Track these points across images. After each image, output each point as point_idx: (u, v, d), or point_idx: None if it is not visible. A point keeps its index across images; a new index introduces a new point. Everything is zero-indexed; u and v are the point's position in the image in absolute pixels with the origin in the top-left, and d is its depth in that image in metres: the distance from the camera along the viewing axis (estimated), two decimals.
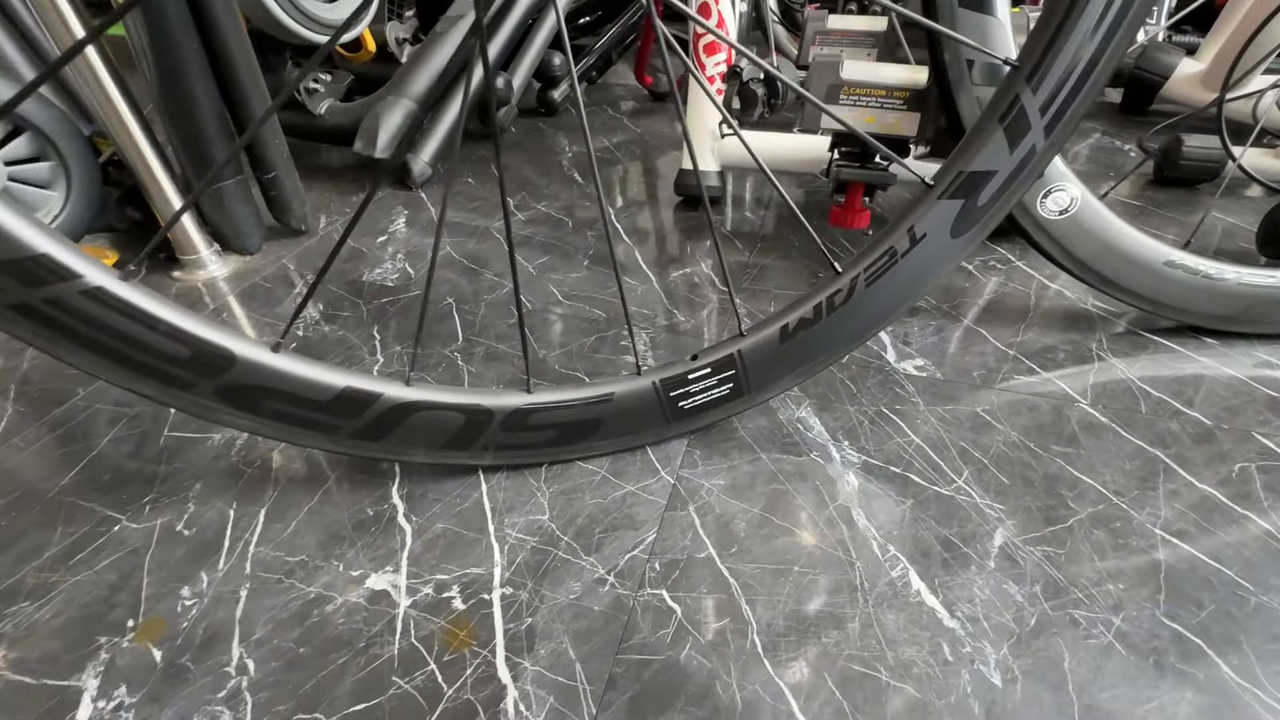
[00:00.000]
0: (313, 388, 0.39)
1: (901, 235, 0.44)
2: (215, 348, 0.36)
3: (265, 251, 0.74)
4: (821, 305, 0.46)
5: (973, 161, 0.42)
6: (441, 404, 0.41)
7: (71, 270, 0.32)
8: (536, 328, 0.61)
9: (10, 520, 0.44)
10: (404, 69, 0.85)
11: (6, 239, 0.30)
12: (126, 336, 0.34)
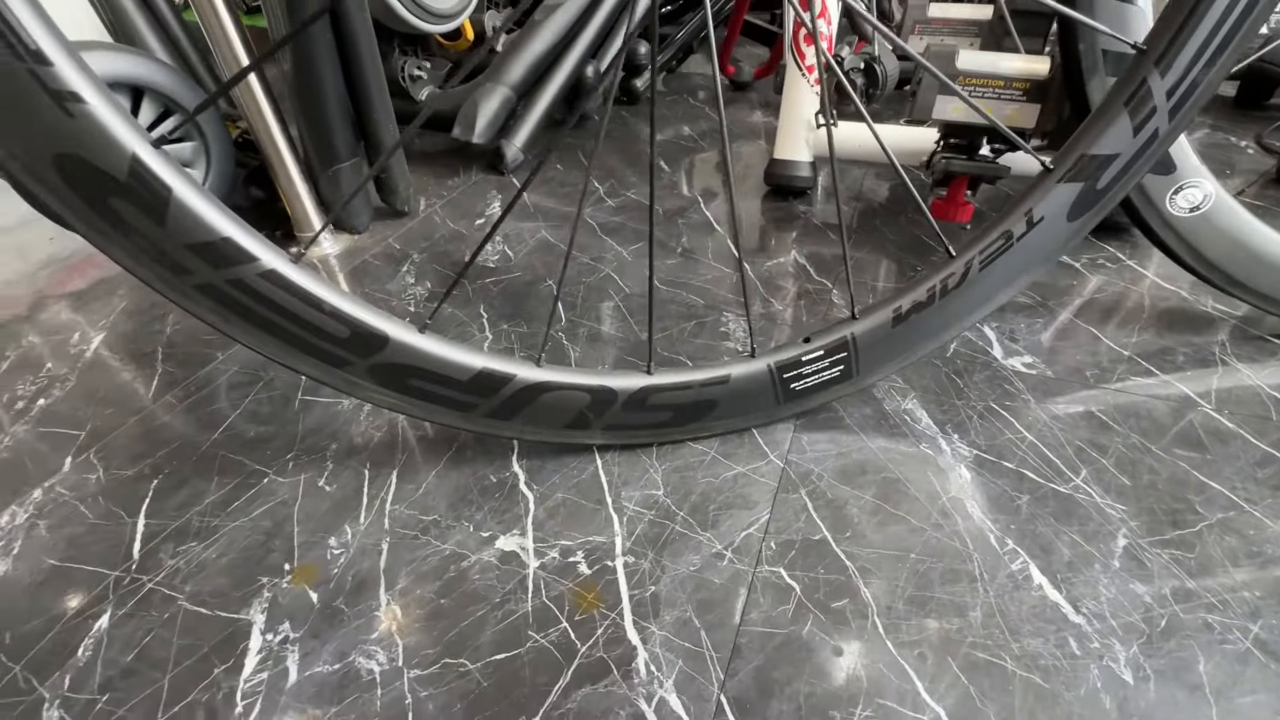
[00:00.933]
0: (454, 367, 0.41)
1: (1018, 219, 0.44)
2: (371, 328, 0.38)
3: (372, 231, 0.78)
4: (935, 288, 0.46)
5: (1095, 145, 0.42)
6: (570, 385, 0.43)
7: (251, 253, 0.34)
8: (636, 312, 0.63)
9: (172, 469, 0.48)
10: (501, 57, 0.88)
11: (198, 222, 0.32)
12: (295, 316, 0.36)
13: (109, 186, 0.30)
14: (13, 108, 0.28)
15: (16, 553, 0.43)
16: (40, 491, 0.47)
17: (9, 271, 0.74)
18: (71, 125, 0.28)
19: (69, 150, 0.29)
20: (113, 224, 0.31)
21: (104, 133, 0.29)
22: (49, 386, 0.57)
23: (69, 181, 0.30)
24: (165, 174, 0.31)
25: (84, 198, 0.30)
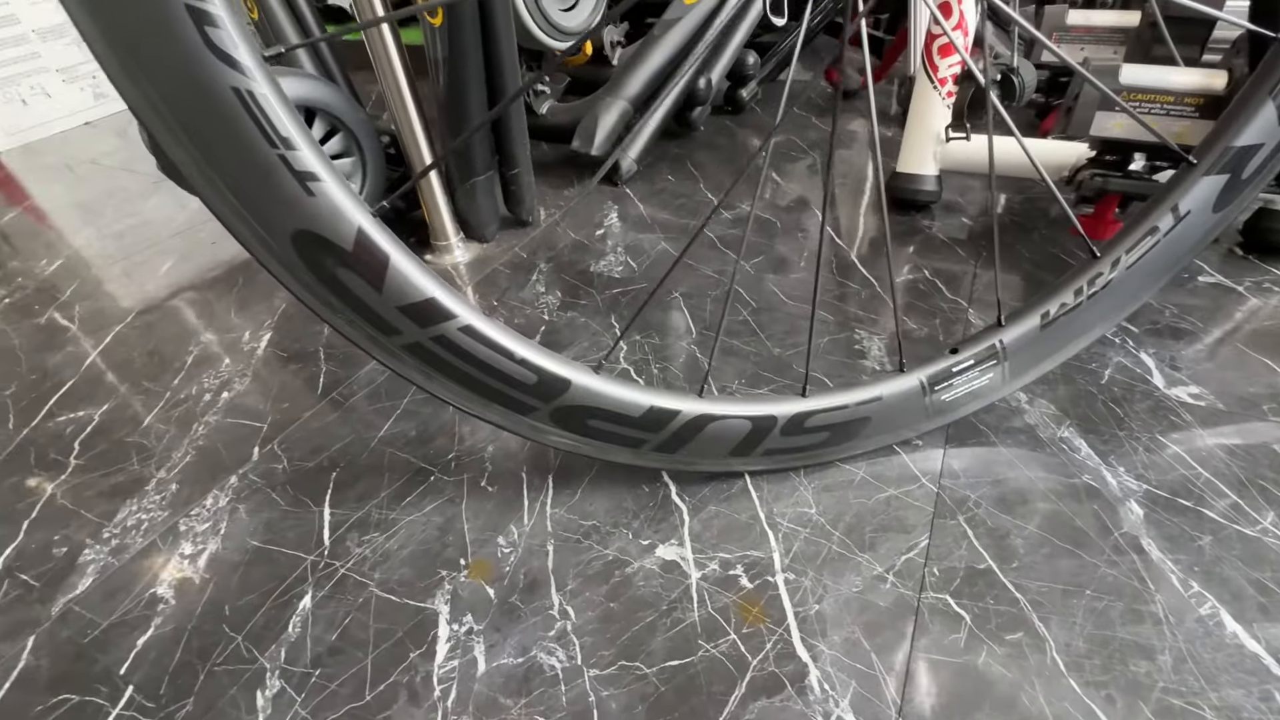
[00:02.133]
0: (627, 405, 0.42)
1: (1164, 213, 0.44)
2: (554, 374, 0.39)
3: (499, 240, 0.82)
4: (1082, 288, 0.46)
5: (1240, 135, 0.41)
6: (733, 415, 0.44)
7: (451, 310, 0.35)
8: (765, 326, 0.64)
9: (347, 463, 0.53)
10: (620, 71, 0.90)
11: (409, 284, 0.34)
12: (489, 367, 0.38)
13: (337, 258, 0.32)
14: (262, 189, 0.30)
15: (224, 533, 0.48)
16: (236, 478, 0.52)
17: (179, 274, 0.82)
18: (310, 203, 0.30)
19: (305, 226, 0.31)
20: (338, 294, 0.33)
21: (336, 207, 0.31)
22: (230, 381, 0.63)
23: (303, 256, 0.32)
24: (384, 242, 0.33)
25: (314, 271, 0.32)
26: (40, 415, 0.61)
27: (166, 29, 0.25)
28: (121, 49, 0.25)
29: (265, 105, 0.28)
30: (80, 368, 0.66)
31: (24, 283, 0.83)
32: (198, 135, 0.28)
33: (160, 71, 0.26)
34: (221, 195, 0.29)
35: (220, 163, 0.28)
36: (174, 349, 0.68)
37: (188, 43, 0.25)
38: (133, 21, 0.25)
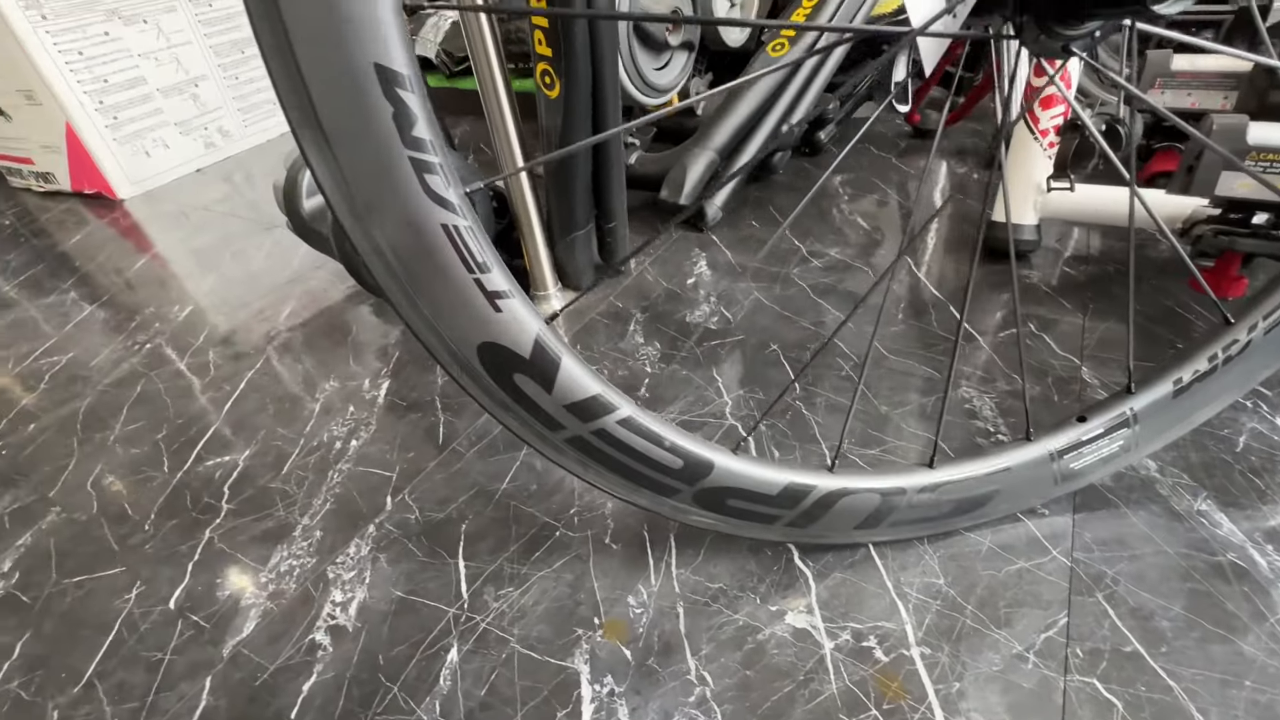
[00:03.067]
0: (764, 484, 0.43)
1: None
2: (699, 456, 0.41)
3: (595, 289, 0.85)
4: (1216, 355, 0.45)
5: None
6: (864, 489, 0.44)
7: (613, 404, 0.37)
8: (870, 383, 0.64)
9: (474, 515, 0.56)
10: (708, 122, 0.93)
11: (576, 383, 0.36)
12: (641, 455, 0.39)
13: (516, 365, 0.35)
14: (456, 308, 0.33)
15: (369, 582, 0.51)
16: (373, 527, 0.56)
17: (297, 320, 0.88)
18: (497, 319, 0.33)
19: (491, 339, 0.34)
20: (514, 396, 0.36)
21: (519, 320, 0.34)
22: (356, 429, 0.67)
23: (485, 365, 0.34)
24: (556, 347, 0.35)
25: (495, 377, 0.35)
26: (190, 459, 0.66)
27: (392, 178, 0.28)
28: (353, 193, 0.29)
29: (468, 236, 0.31)
30: (221, 413, 0.72)
31: (161, 328, 0.91)
32: (407, 263, 0.31)
33: (384, 212, 0.29)
34: (418, 312, 0.32)
35: (423, 285, 0.31)
36: (302, 396, 0.73)
37: (409, 189, 0.29)
38: (365, 172, 0.28)
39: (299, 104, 0.26)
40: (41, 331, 0.94)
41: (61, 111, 1.32)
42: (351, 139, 0.27)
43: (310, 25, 0.24)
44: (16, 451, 0.71)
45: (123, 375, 0.81)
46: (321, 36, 0.24)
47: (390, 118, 0.26)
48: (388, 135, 0.27)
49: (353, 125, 0.26)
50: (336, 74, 0.25)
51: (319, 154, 0.27)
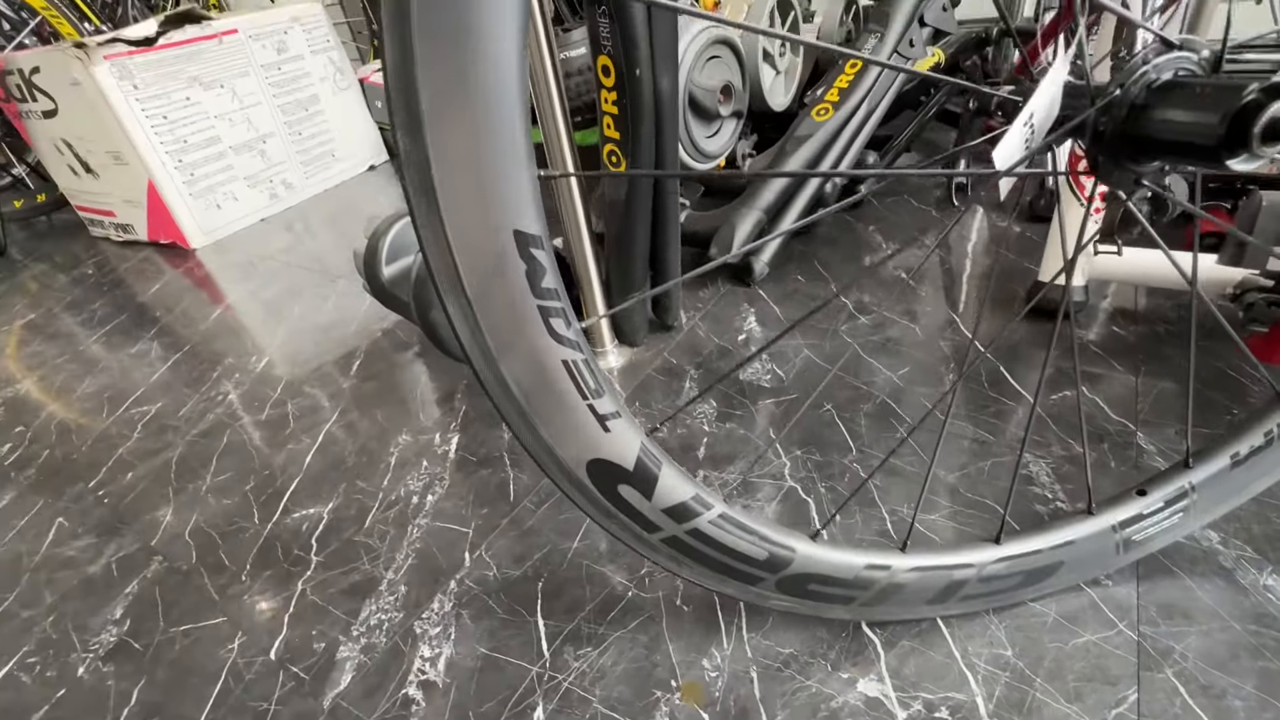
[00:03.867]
0: (842, 568, 0.45)
1: None
2: (783, 546, 0.43)
3: (648, 344, 0.89)
4: (1272, 431, 0.47)
5: None
6: (935, 566, 0.46)
7: (708, 503, 0.40)
8: (926, 447, 0.66)
9: (549, 573, 0.59)
10: (755, 184, 0.97)
11: (673, 490, 0.39)
12: (730, 549, 0.42)
13: (621, 476, 0.37)
14: (570, 430, 0.36)
15: (454, 638, 0.54)
16: (454, 583, 0.59)
17: (367, 372, 0.93)
18: (606, 438, 0.36)
19: (599, 456, 0.37)
20: (617, 505, 0.39)
21: (625, 437, 0.37)
22: (431, 484, 0.71)
23: (593, 479, 0.37)
24: (657, 455, 0.38)
25: (601, 489, 0.38)
26: (278, 511, 0.71)
27: (523, 325, 0.31)
28: (487, 340, 0.31)
29: (584, 368, 0.34)
30: (303, 465, 0.77)
31: (240, 379, 0.97)
32: (529, 395, 0.34)
33: (513, 354, 0.32)
34: (535, 435, 0.35)
35: (541, 412, 0.34)
36: (378, 449, 0.77)
37: (536, 333, 0.32)
38: (499, 322, 0.31)
39: (444, 265, 0.29)
40: (131, 381, 1.01)
41: (145, 170, 1.42)
42: (489, 295, 0.30)
43: (460, 196, 0.28)
44: (117, 500, 0.77)
45: (209, 426, 0.87)
46: (470, 207, 0.28)
47: (524, 274, 0.30)
48: (521, 290, 0.30)
49: (491, 283, 0.29)
50: (481, 240, 0.28)
51: (459, 307, 0.30)
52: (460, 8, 0.24)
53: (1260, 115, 0.27)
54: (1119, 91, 0.32)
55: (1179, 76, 0.32)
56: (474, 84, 0.25)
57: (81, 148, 1.48)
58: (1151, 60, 0.32)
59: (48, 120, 1.47)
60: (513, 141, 0.27)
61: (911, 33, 1.02)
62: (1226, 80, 0.29)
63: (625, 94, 0.64)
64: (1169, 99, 0.31)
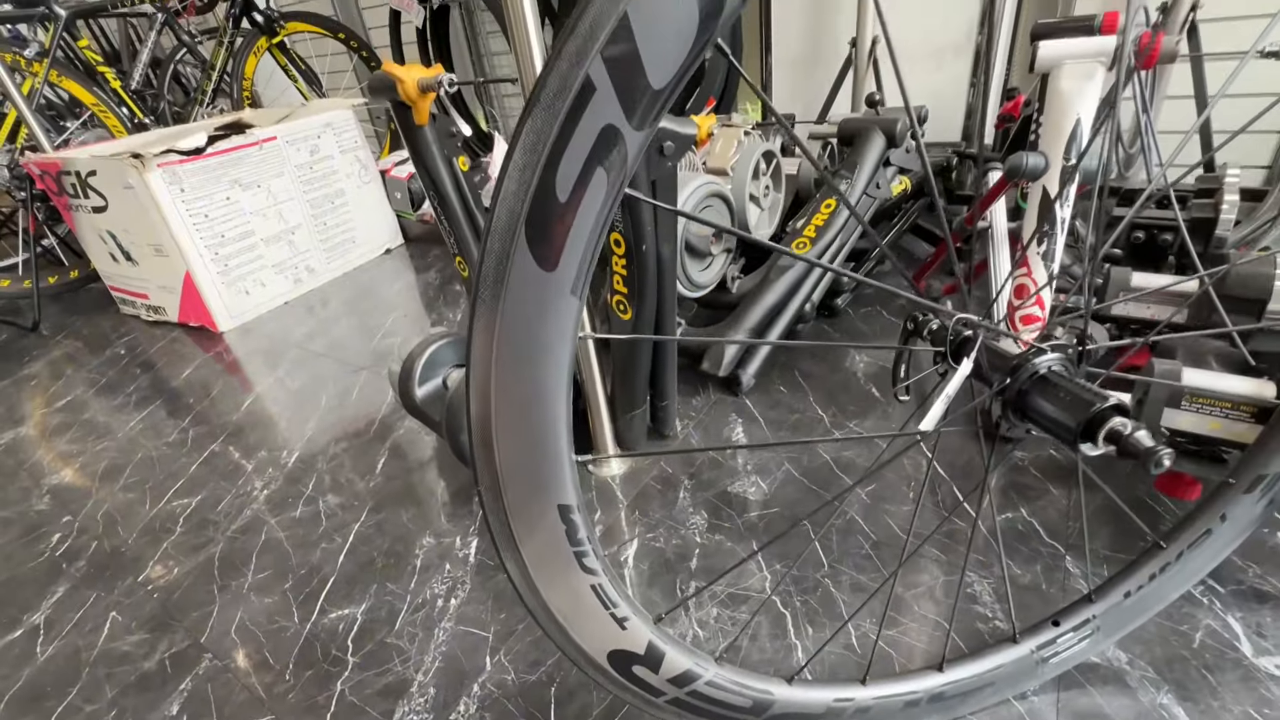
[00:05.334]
0: (814, 704, 0.52)
1: (1213, 518, 0.56)
2: (764, 692, 0.51)
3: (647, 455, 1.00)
4: (1155, 573, 0.58)
5: (1269, 466, 0.53)
6: (891, 695, 0.55)
7: (703, 670, 0.48)
8: (888, 562, 0.76)
9: (561, 678, 0.67)
10: (742, 307, 1.10)
11: (675, 663, 0.47)
12: (722, 702, 0.50)
13: (635, 660, 0.46)
14: (595, 632, 0.44)
15: None
16: (478, 686, 0.68)
17: (392, 470, 1.03)
18: (624, 634, 0.45)
19: (618, 648, 0.45)
20: (632, 681, 0.47)
21: (638, 631, 0.45)
22: (454, 588, 0.80)
23: (613, 664, 0.46)
24: (661, 640, 0.46)
25: (619, 671, 0.46)
26: (315, 611, 0.79)
27: (561, 568, 0.40)
28: (534, 581, 0.40)
29: (609, 589, 0.42)
30: (336, 565, 0.86)
31: (274, 474, 1.06)
32: (564, 612, 0.42)
33: (553, 585, 0.40)
34: (566, 636, 0.43)
35: (574, 622, 0.43)
36: (404, 551, 0.86)
37: (571, 570, 0.40)
38: (544, 568, 0.40)
39: (501, 527, 0.38)
40: (170, 471, 1.10)
41: (184, 262, 1.54)
42: (537, 549, 0.39)
43: (518, 476, 0.37)
44: (166, 596, 0.85)
45: (247, 522, 0.96)
46: (524, 483, 0.37)
47: (564, 534, 0.39)
48: (561, 543, 0.39)
49: (539, 543, 0.38)
50: (534, 513, 0.37)
51: (512, 557, 0.39)
52: (533, 338, 0.34)
53: (1104, 425, 0.38)
54: (1009, 381, 0.44)
55: (1052, 374, 0.43)
56: (534, 396, 0.34)
57: (125, 239, 1.61)
58: (1032, 360, 0.43)
59: (96, 214, 1.60)
60: (556, 436, 0.36)
61: (878, 175, 1.17)
62: (1084, 392, 0.40)
63: (633, 261, 0.77)
64: (1045, 393, 0.42)
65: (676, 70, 0.27)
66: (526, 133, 0.27)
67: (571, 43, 0.26)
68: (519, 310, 0.30)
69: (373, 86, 0.91)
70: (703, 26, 0.26)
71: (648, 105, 0.27)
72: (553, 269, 0.30)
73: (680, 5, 0.26)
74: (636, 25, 0.25)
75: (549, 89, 0.26)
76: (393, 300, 1.70)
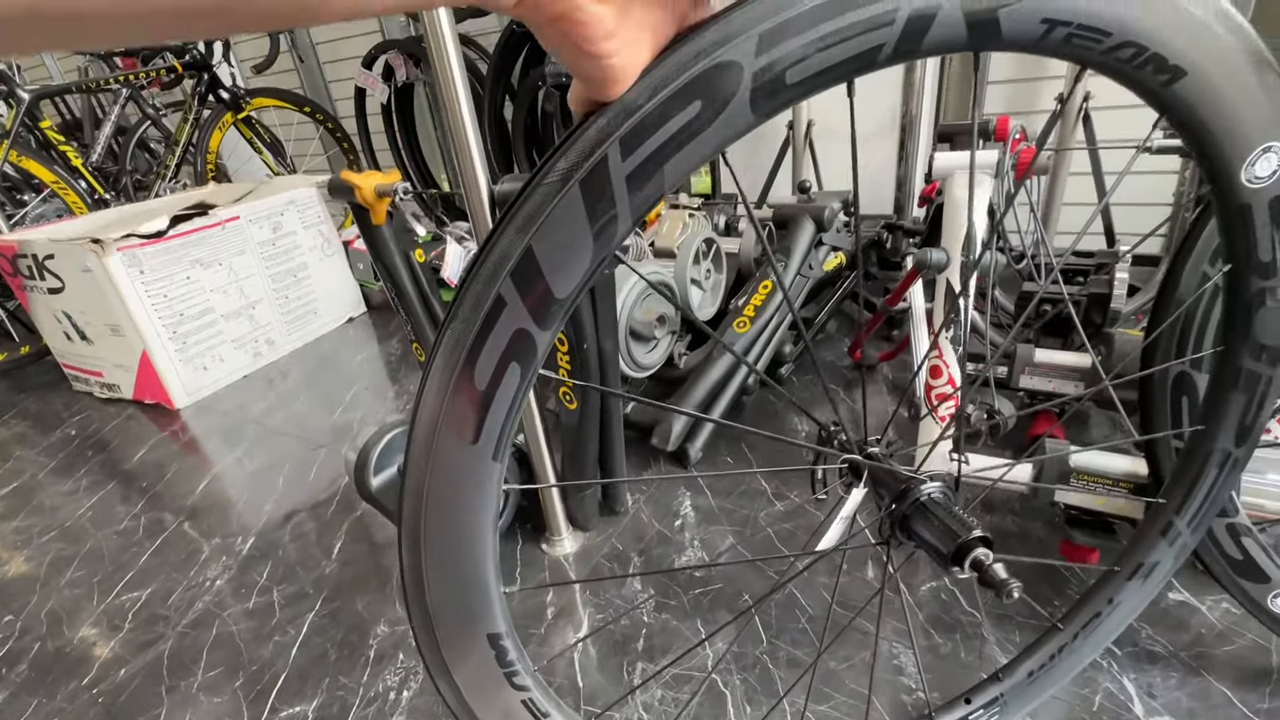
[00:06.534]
0: None
1: (1102, 601, 0.62)
2: None
3: (599, 528, 1.03)
4: (1056, 652, 0.63)
5: (1149, 554, 0.59)
6: None
7: None
8: (822, 635, 0.81)
9: None
10: (689, 382, 1.17)
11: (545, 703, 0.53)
12: None
13: None
14: None
15: None
16: None
17: (348, 556, 1.04)
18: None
19: None
20: None
21: None
22: (407, 678, 0.82)
23: None
24: (546, 699, 0.51)
25: None
26: (266, 710, 0.80)
27: (496, 689, 0.44)
28: (470, 706, 0.45)
29: (540, 700, 0.45)
30: (289, 659, 0.86)
31: (227, 563, 1.06)
32: None
33: (486, 707, 0.44)
34: None
35: None
36: (358, 640, 0.88)
37: (506, 693, 0.44)
38: (478, 693, 0.44)
39: (434, 658, 0.41)
40: (120, 562, 1.09)
41: (141, 341, 1.55)
42: (469, 674, 0.42)
43: (448, 611, 0.41)
44: (112, 700, 0.84)
45: (198, 615, 0.96)
46: (454, 617, 0.41)
47: (494, 658, 0.42)
48: (492, 667, 0.41)
49: (470, 668, 0.41)
50: (465, 642, 0.41)
51: (448, 686, 0.42)
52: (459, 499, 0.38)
53: (969, 554, 0.43)
54: (895, 507, 0.50)
55: (930, 502, 0.49)
56: (461, 542, 0.39)
57: (81, 319, 1.61)
58: (915, 488, 0.49)
59: (52, 295, 1.61)
60: (484, 573, 0.40)
61: (810, 258, 1.27)
62: (955, 522, 0.45)
63: (576, 358, 0.82)
64: (924, 519, 0.48)
65: (578, 282, 0.33)
66: (447, 339, 0.33)
67: (485, 268, 0.32)
68: (445, 478, 0.35)
69: (332, 189, 0.97)
70: (598, 248, 0.32)
71: (554, 311, 0.33)
72: (475, 442, 0.35)
73: (577, 234, 0.31)
74: (540, 253, 0.31)
75: (466, 305, 0.32)
76: (354, 371, 1.72)
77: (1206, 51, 0.34)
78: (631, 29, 0.25)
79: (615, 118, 0.28)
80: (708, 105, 0.28)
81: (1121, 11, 0.32)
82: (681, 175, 0.30)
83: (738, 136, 0.30)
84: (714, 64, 0.27)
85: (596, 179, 0.29)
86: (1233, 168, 0.39)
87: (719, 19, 0.27)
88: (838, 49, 0.28)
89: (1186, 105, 0.36)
